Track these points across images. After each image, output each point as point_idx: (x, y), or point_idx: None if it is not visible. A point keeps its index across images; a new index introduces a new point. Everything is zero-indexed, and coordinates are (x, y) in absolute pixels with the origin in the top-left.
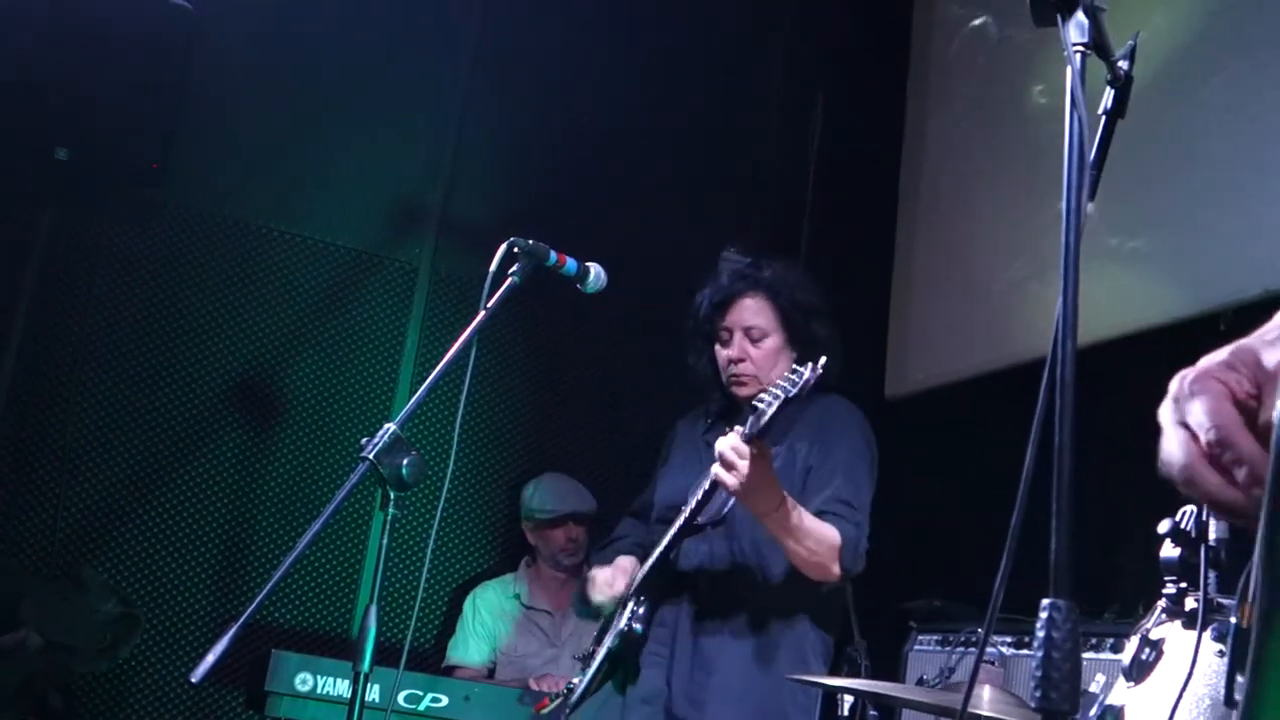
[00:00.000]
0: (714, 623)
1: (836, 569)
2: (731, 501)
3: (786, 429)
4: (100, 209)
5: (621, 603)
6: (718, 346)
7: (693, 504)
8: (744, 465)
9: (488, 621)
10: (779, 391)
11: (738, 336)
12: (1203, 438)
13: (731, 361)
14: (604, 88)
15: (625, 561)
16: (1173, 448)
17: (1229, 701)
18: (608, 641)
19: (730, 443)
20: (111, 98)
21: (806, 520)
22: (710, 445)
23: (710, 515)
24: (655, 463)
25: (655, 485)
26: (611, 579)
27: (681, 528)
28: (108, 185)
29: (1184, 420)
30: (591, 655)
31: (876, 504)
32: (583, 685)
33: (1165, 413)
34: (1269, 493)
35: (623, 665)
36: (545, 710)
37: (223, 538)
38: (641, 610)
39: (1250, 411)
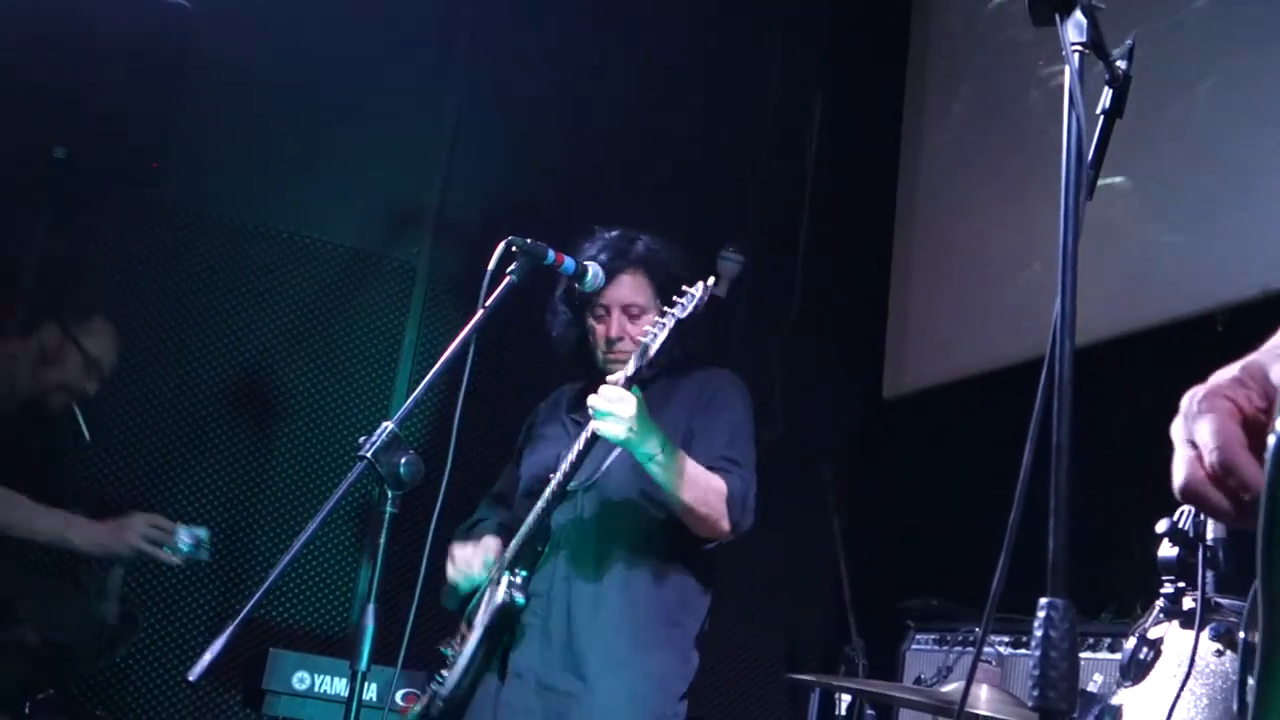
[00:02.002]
0: (587, 588)
1: (725, 524)
2: (605, 465)
3: (666, 398)
4: (98, 208)
5: (494, 579)
6: (592, 321)
7: (565, 467)
8: (622, 406)
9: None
10: (667, 319)
11: (616, 313)
12: (1207, 459)
13: (609, 340)
14: (602, 86)
15: (489, 540)
16: (1178, 465)
17: (1241, 711)
18: (482, 622)
19: (603, 390)
20: (109, 96)
21: (692, 466)
22: (577, 422)
23: (581, 480)
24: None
25: (519, 465)
26: (470, 556)
27: (555, 493)
28: (105, 184)
29: (1191, 439)
30: (461, 643)
31: (874, 502)
32: (456, 675)
33: (1176, 430)
34: (1264, 510)
35: (499, 643)
36: (414, 707)
37: (220, 536)
38: (519, 580)
39: (1261, 427)
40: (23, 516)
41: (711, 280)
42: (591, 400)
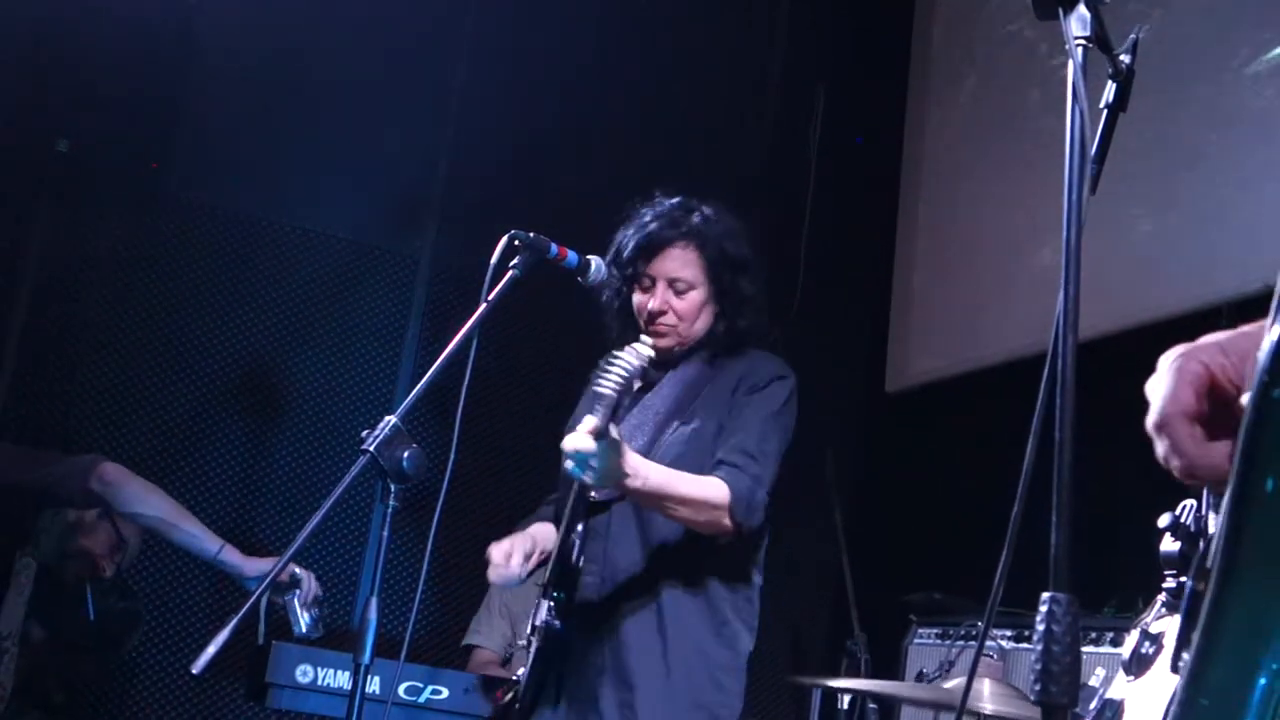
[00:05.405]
0: (625, 605)
1: (728, 522)
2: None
3: (709, 378)
4: (100, 200)
5: (542, 593)
6: (637, 291)
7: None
8: (585, 457)
9: (511, 605)
10: (606, 389)
11: (661, 286)
12: (1151, 419)
13: (652, 313)
14: (604, 81)
15: (536, 528)
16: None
17: (1174, 668)
18: (535, 640)
19: (569, 439)
20: (111, 90)
21: (677, 482)
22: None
23: (607, 492)
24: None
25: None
26: (508, 549)
27: (574, 510)
28: (108, 176)
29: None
30: (529, 645)
31: (877, 496)
32: (522, 685)
33: (1149, 387)
34: (1236, 468)
35: (551, 667)
36: (505, 699)
37: (224, 530)
38: (555, 605)
39: (1228, 399)
40: (191, 529)
41: (646, 348)
42: (564, 444)
